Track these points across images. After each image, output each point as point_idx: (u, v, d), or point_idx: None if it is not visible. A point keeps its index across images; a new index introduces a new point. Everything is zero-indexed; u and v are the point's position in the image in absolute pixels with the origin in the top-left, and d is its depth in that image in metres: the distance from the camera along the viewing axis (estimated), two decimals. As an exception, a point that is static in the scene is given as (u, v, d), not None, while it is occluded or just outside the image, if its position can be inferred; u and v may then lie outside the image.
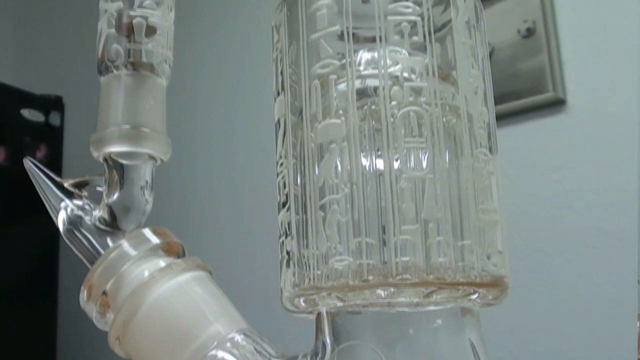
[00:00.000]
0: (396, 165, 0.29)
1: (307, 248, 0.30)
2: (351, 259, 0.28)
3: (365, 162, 0.29)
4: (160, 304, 0.31)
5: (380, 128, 0.29)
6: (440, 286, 0.28)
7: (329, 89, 0.30)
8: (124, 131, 0.34)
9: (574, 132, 1.21)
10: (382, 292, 0.28)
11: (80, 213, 0.35)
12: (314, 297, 0.30)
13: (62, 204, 0.35)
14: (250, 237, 1.60)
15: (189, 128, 1.78)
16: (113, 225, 0.34)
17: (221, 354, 0.30)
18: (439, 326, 0.30)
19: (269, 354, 0.31)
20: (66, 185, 0.36)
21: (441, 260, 0.28)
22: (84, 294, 0.33)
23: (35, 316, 1.87)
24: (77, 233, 0.34)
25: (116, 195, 0.34)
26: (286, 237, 0.31)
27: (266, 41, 0.35)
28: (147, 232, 0.34)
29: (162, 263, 0.32)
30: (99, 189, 0.35)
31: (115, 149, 0.34)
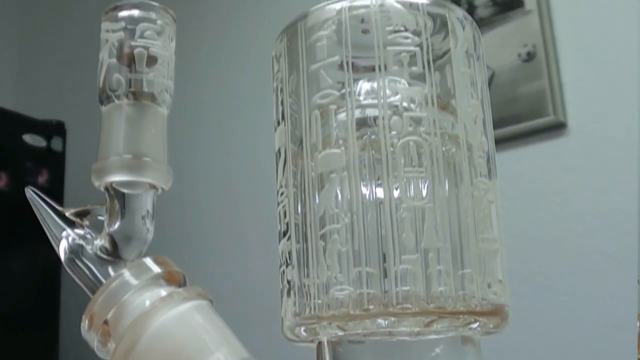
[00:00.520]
0: (396, 195, 0.29)
1: (307, 277, 0.30)
2: (352, 288, 0.28)
3: (365, 191, 0.29)
4: (162, 333, 0.31)
5: (380, 158, 0.29)
6: (440, 315, 0.28)
7: (329, 118, 0.30)
8: (125, 161, 0.34)
9: (574, 155, 1.21)
10: (382, 321, 0.28)
11: (81, 242, 0.35)
12: (315, 326, 0.30)
13: (63, 233, 0.35)
14: (251, 266, 1.60)
15: (189, 157, 1.79)
16: (114, 255, 0.34)
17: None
18: (440, 355, 0.30)
19: (270, 384, 0.31)
20: (67, 214, 0.36)
21: (441, 289, 0.28)
22: (85, 323, 0.33)
23: (37, 343, 1.85)
24: (79, 262, 0.34)
25: (117, 225, 0.34)
26: (287, 266, 0.31)
27: (267, 70, 0.36)
28: (148, 261, 0.34)
29: (163, 292, 0.33)
30: (100, 218, 0.35)
31: (116, 178, 0.34)
